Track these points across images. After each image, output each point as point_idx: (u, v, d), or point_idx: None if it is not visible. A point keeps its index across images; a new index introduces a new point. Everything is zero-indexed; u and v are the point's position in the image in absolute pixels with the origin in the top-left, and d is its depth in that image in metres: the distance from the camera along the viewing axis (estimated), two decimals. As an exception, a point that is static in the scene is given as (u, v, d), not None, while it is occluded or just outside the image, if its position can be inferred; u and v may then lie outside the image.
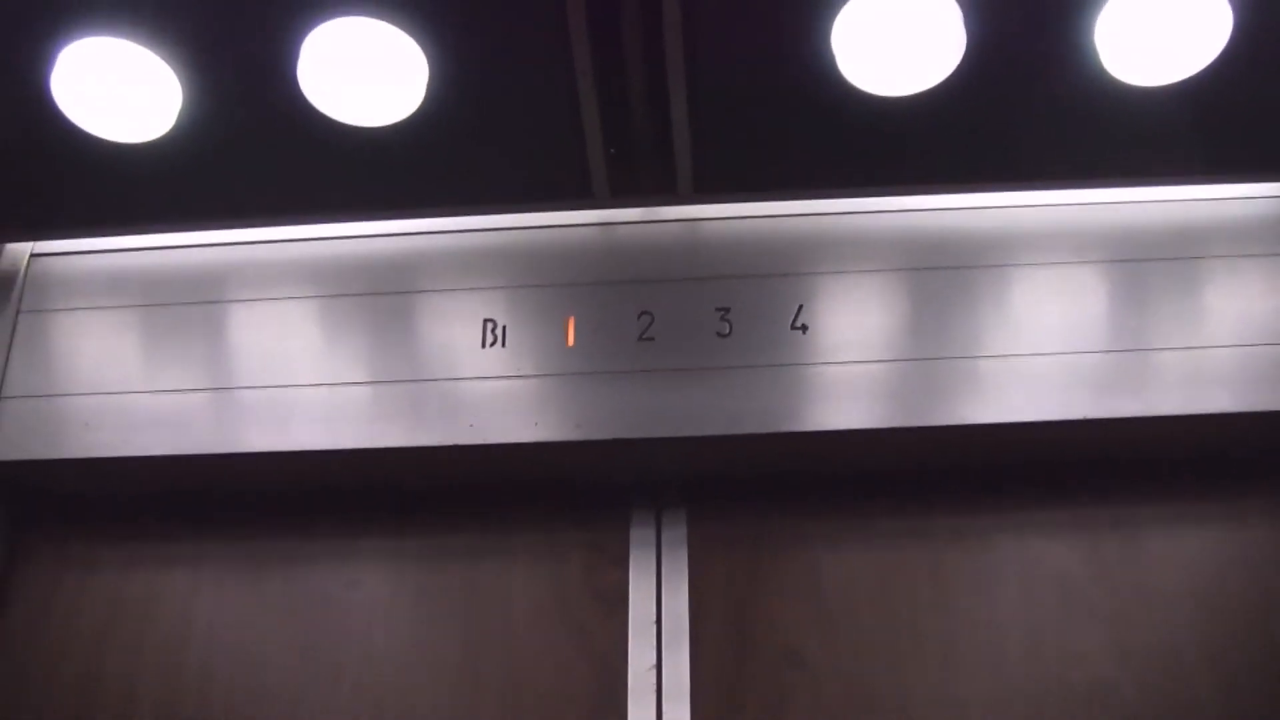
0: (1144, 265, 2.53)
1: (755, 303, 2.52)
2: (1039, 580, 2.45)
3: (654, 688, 2.38)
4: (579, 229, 2.62)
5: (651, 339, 2.50)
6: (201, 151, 2.40)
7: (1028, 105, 2.35)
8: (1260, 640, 2.38)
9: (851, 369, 2.46)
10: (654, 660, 2.40)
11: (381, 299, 2.58)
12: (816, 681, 2.38)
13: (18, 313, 2.63)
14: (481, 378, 2.49)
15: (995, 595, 2.44)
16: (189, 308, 2.61)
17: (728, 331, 2.50)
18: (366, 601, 2.51)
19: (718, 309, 2.52)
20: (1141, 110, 2.33)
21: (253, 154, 2.44)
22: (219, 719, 2.42)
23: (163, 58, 2.27)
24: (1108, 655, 2.38)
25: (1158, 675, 2.35)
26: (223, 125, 2.37)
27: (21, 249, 2.69)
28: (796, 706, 2.36)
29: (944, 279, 2.53)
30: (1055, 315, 2.49)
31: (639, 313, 2.53)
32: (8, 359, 2.58)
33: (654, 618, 2.44)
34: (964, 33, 2.21)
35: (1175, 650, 2.37)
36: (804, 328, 2.50)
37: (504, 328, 2.53)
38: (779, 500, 2.54)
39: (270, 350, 2.56)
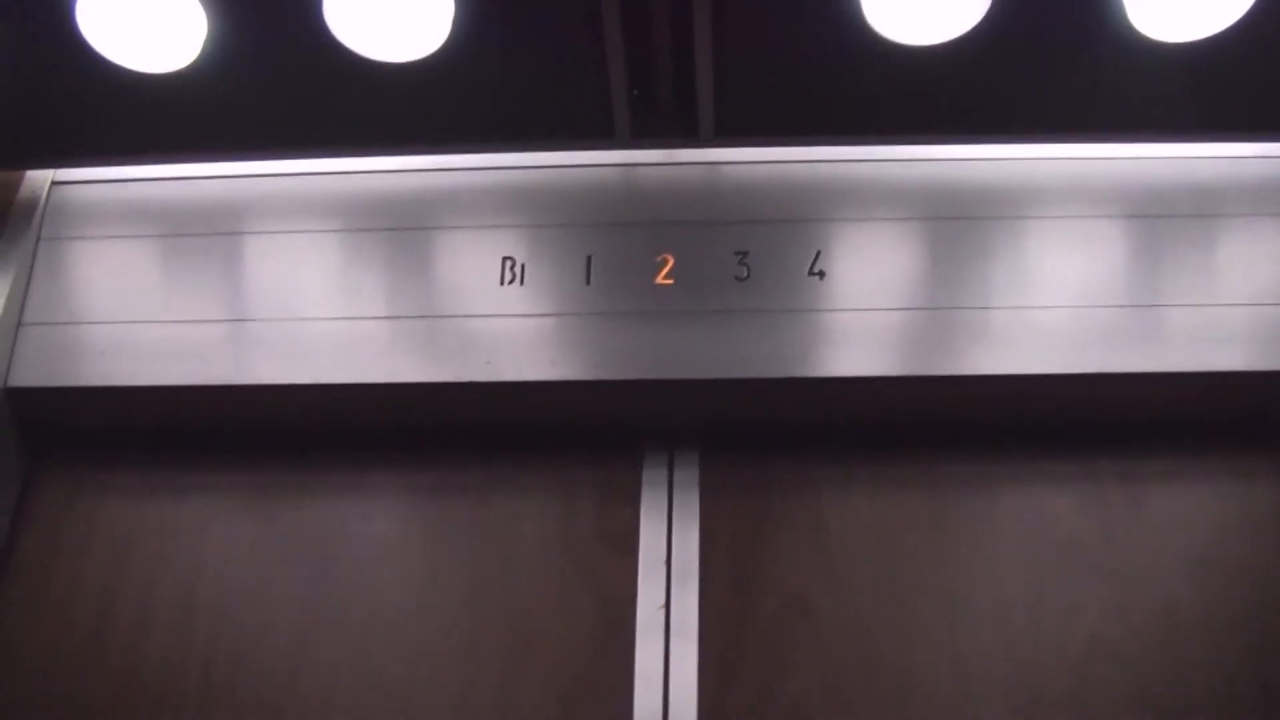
0: (1160, 221, 2.53)
1: (774, 247, 2.53)
2: (1043, 534, 2.46)
3: (662, 627, 2.40)
4: (599, 169, 2.62)
5: (670, 281, 2.51)
6: (225, 83, 2.40)
7: (1052, 59, 2.35)
8: (1260, 601, 2.40)
9: (867, 316, 2.47)
10: (663, 600, 2.42)
11: (400, 234, 2.58)
12: (820, 626, 2.40)
13: (38, 240, 2.63)
14: (499, 315, 2.50)
15: (999, 547, 2.46)
16: (207, 239, 2.62)
17: (745, 275, 2.51)
18: (377, 536, 2.53)
19: (736, 253, 2.53)
20: (1166, 66, 2.33)
21: (276, 87, 2.44)
22: (230, 648, 2.43)
23: (189, -13, 2.28)
24: (1108, 611, 2.39)
25: (1157, 632, 2.37)
26: (247, 57, 2.37)
27: (43, 176, 2.69)
28: (800, 649, 2.39)
29: (961, 229, 2.53)
30: (1070, 269, 2.50)
31: (658, 255, 2.54)
32: (28, 286, 2.58)
33: (664, 558, 2.46)
34: (991, -17, 2.22)
35: (1175, 608, 2.39)
36: (821, 274, 2.51)
37: (523, 266, 2.54)
38: (791, 445, 2.55)
39: (287, 283, 2.57)
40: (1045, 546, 2.45)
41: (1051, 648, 2.37)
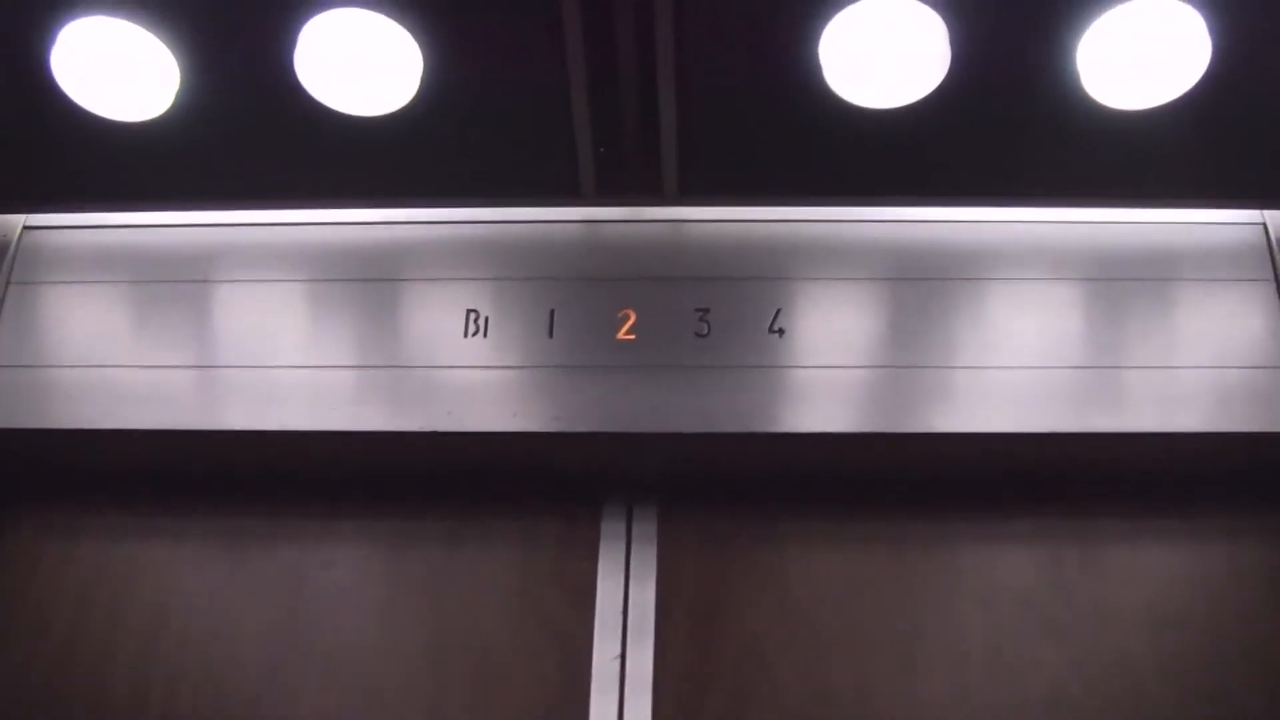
0: (1119, 285, 2.56)
1: (734, 305, 2.56)
2: (1000, 590, 2.49)
3: (618, 678, 2.42)
4: (565, 225, 2.65)
5: (631, 336, 2.54)
6: (196, 133, 2.44)
7: (1009, 123, 2.39)
8: (1214, 657, 2.42)
9: (826, 374, 2.49)
10: (619, 651, 2.44)
11: (368, 285, 2.61)
12: (776, 680, 2.42)
13: (8, 284, 2.65)
14: (462, 366, 2.52)
15: (957, 603, 2.48)
16: (177, 285, 2.64)
17: (706, 332, 2.53)
18: (339, 582, 2.55)
19: (697, 309, 2.55)
20: (1120, 133, 2.37)
21: (247, 138, 2.47)
22: (192, 690, 2.45)
23: (162, 40, 2.31)
24: (1064, 667, 2.41)
25: (1112, 688, 2.40)
26: (219, 108, 2.41)
27: (14, 221, 2.71)
28: (756, 704, 2.40)
29: (921, 290, 2.56)
30: (1030, 330, 2.53)
31: (620, 310, 2.56)
32: (-2, 329, 2.62)
33: (621, 609, 2.48)
34: (949, 49, 2.25)
35: (1130, 664, 2.41)
36: (781, 331, 2.53)
37: (486, 319, 2.56)
38: (749, 500, 2.58)
39: (256, 331, 2.59)
40: (1003, 602, 2.48)
41: (1009, 702, 2.39)
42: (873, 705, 2.39)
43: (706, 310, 2.55)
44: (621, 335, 2.54)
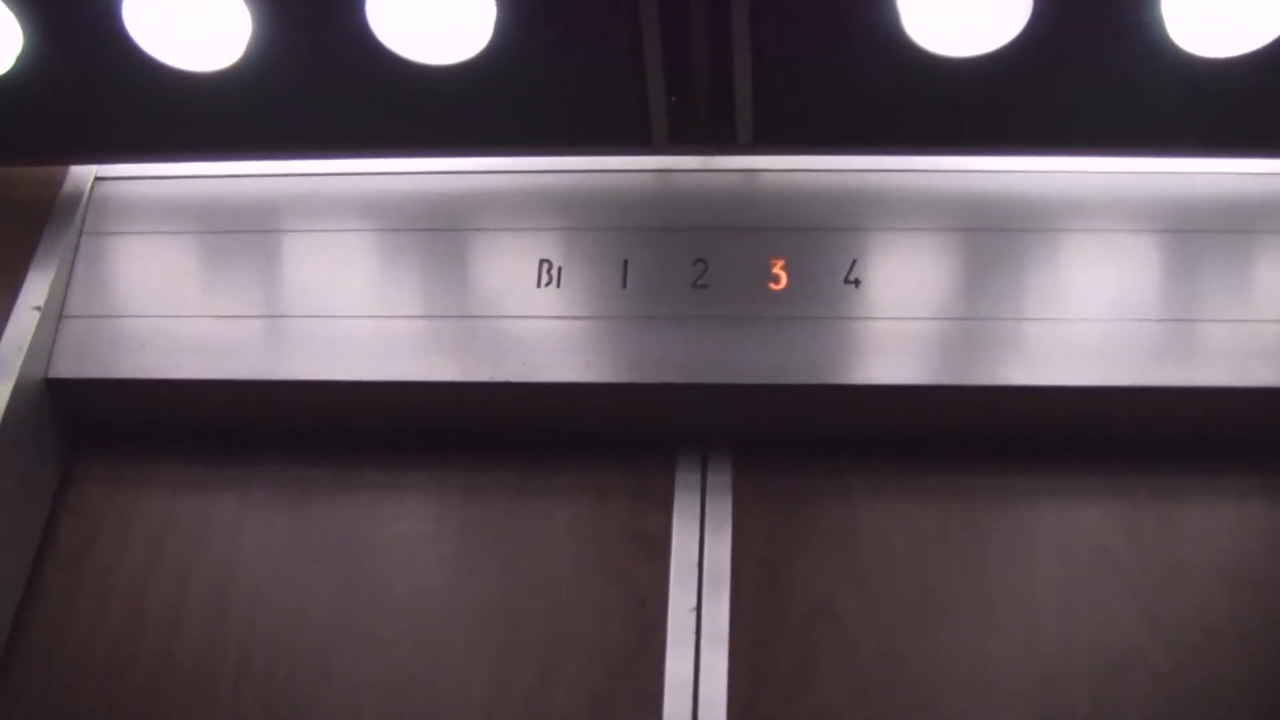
0: (1195, 236, 2.53)
1: (809, 255, 2.53)
2: (1074, 546, 2.46)
3: (693, 632, 2.41)
4: (637, 175, 2.63)
5: (705, 286, 2.52)
6: (267, 83, 2.42)
7: (1090, 72, 2.35)
8: (1288, 616, 2.40)
9: (901, 325, 2.47)
10: (694, 604, 2.43)
11: (438, 235, 2.60)
12: (848, 634, 2.41)
13: (80, 234, 2.66)
14: (536, 317, 2.52)
15: (1030, 558, 2.46)
16: (246, 236, 2.64)
17: (780, 282, 2.51)
18: (409, 535, 2.55)
19: (771, 259, 2.54)
20: (1203, 82, 2.33)
21: (318, 87, 2.46)
22: (262, 643, 2.46)
23: (234, -13, 2.30)
24: (1139, 623, 2.39)
25: (1188, 645, 2.37)
26: (290, 58, 2.39)
27: (86, 172, 2.72)
28: (828, 657, 2.39)
29: (996, 241, 2.54)
30: (1104, 282, 2.50)
31: (693, 260, 2.54)
32: (70, 279, 2.61)
33: (695, 563, 2.47)
34: (1030, -6, 2.22)
35: (1206, 621, 2.39)
36: (856, 282, 2.51)
37: (560, 268, 2.55)
38: (823, 452, 2.56)
39: (324, 281, 2.59)
40: (1076, 558, 2.45)
41: (1081, 658, 2.37)
42: (943, 660, 2.38)
43: (781, 260, 2.53)
44: (695, 285, 2.52)
